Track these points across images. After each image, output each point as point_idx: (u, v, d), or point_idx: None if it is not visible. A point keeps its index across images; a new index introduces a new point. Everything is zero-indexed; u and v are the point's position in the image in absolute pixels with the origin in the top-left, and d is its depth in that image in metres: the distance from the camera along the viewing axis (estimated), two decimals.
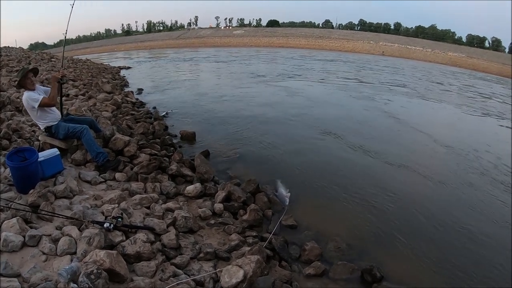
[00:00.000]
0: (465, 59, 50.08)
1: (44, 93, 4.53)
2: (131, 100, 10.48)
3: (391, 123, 9.73)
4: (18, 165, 3.41)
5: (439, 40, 74.04)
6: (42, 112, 4.44)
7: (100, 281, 2.27)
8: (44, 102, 4.33)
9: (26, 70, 4.41)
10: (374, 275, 3.28)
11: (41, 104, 4.31)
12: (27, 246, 2.66)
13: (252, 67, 24.21)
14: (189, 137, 7.26)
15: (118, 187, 4.22)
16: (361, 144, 7.45)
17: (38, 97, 4.32)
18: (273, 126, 8.60)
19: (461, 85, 21.91)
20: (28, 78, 4.36)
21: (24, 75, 4.31)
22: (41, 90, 4.57)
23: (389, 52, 54.11)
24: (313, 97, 12.98)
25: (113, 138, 5.20)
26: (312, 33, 76.30)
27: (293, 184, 5.18)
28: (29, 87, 4.39)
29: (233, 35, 79.25)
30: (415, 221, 4.50)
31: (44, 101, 4.34)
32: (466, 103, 14.48)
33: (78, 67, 17.48)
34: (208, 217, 4.04)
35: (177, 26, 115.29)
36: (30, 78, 4.40)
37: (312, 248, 3.62)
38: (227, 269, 2.76)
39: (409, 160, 6.73)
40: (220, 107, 10.65)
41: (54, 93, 4.47)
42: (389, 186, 5.53)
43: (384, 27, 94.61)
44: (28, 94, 4.32)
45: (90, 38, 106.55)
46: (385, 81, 19.33)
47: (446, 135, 8.85)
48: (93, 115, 7.08)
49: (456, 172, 6.41)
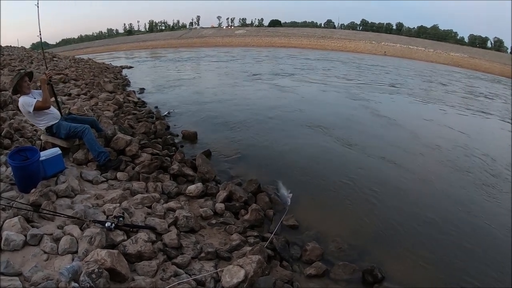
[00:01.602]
0: (467, 59, 49.92)
1: (39, 95, 4.51)
2: (133, 100, 10.49)
3: (392, 124, 9.70)
4: (19, 165, 3.42)
5: (441, 40, 73.72)
6: (40, 114, 4.43)
7: (101, 281, 2.27)
8: (38, 106, 4.31)
9: (22, 74, 4.38)
10: (375, 276, 3.28)
11: (36, 107, 4.29)
12: (28, 245, 2.66)
13: (253, 67, 24.19)
14: (190, 136, 7.27)
15: (119, 187, 4.23)
16: (363, 145, 7.44)
17: (32, 101, 4.29)
18: (274, 126, 8.60)
19: (463, 86, 21.85)
20: (24, 82, 4.35)
21: (21, 78, 4.28)
22: (36, 93, 4.55)
23: (391, 52, 54.01)
24: (315, 97, 12.98)
25: (114, 137, 5.20)
26: (314, 33, 76.17)
27: (294, 184, 5.18)
28: (25, 91, 4.36)
29: (235, 35, 79.21)
30: (416, 222, 4.49)
31: (38, 104, 4.31)
32: (468, 104, 14.45)
33: (80, 66, 17.50)
34: (210, 217, 4.04)
35: (179, 26, 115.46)
36: (26, 82, 4.39)
37: (313, 248, 3.62)
38: (228, 269, 2.76)
39: (411, 161, 6.72)
40: (221, 106, 10.66)
41: (46, 95, 4.45)
42: (390, 186, 5.53)
43: (386, 27, 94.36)
44: (24, 99, 4.30)
45: (92, 38, 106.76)
46: (387, 82, 19.30)
47: (447, 135, 8.83)
48: (95, 114, 7.09)
49: (458, 172, 6.39)
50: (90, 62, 22.17)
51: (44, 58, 6.90)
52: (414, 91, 16.62)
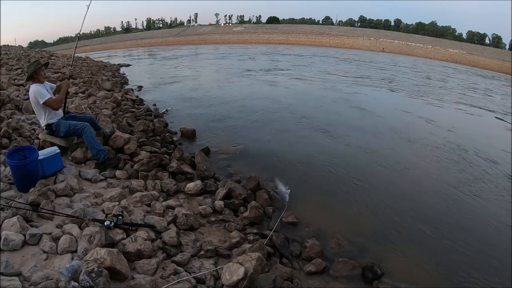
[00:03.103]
0: (465, 56, 50.03)
1: (50, 89, 4.61)
2: (131, 98, 10.45)
3: (390, 120, 9.71)
4: (18, 164, 3.40)
5: (440, 36, 73.81)
6: (46, 109, 4.45)
7: (101, 280, 2.26)
8: (49, 103, 4.35)
9: (42, 64, 4.50)
10: (375, 272, 3.29)
11: (46, 103, 4.33)
12: (27, 244, 2.66)
13: (251, 63, 24.12)
14: (189, 134, 7.25)
15: (118, 185, 4.22)
16: (361, 141, 7.44)
17: (46, 94, 4.36)
18: (273, 123, 8.58)
19: (462, 82, 21.85)
20: (42, 70, 4.48)
21: (39, 67, 4.40)
22: (48, 86, 4.63)
23: (389, 48, 54.05)
24: (312, 94, 12.95)
25: (113, 135, 5.19)
26: (312, 29, 76.15)
27: (294, 180, 5.20)
28: (41, 80, 4.47)
29: (233, 32, 79.01)
30: (416, 218, 4.49)
31: (50, 101, 4.36)
32: (469, 101, 14.46)
33: (77, 65, 17.41)
34: (209, 215, 4.03)
35: (176, 23, 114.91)
36: (43, 71, 4.54)
37: (312, 245, 3.62)
38: (228, 267, 2.76)
39: (410, 158, 6.74)
40: (220, 103, 10.62)
41: (61, 98, 4.58)
42: (390, 182, 5.54)
43: (384, 24, 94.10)
44: (37, 88, 4.33)
45: (89, 36, 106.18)
46: (385, 78, 19.28)
47: (447, 134, 8.83)
48: (93, 113, 7.07)
49: (457, 170, 6.40)
50: (88, 60, 22.06)
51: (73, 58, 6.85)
52: (415, 89, 16.63)
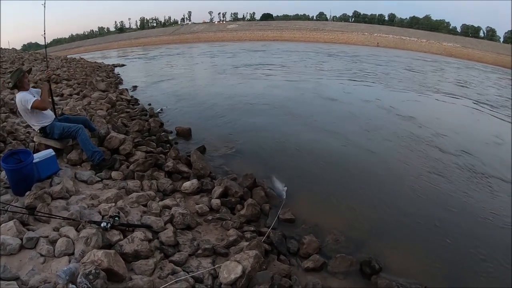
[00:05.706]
0: (460, 49, 50.09)
1: (37, 94, 4.50)
2: (126, 98, 10.42)
3: (389, 118, 9.73)
4: (13, 167, 3.39)
5: (434, 30, 73.86)
6: (36, 113, 4.39)
7: (98, 281, 2.27)
8: (35, 105, 4.27)
9: (24, 71, 4.39)
10: (373, 267, 3.31)
11: (33, 106, 4.25)
12: (25, 248, 2.65)
13: (244, 61, 24.06)
14: (184, 133, 7.24)
15: (114, 186, 4.21)
16: (356, 136, 7.47)
17: (31, 98, 4.27)
18: (267, 120, 8.58)
19: (456, 75, 21.94)
20: (25, 78, 4.37)
21: (22, 75, 4.30)
22: (34, 91, 4.52)
23: (384, 43, 54.01)
24: (309, 91, 12.90)
25: (108, 136, 5.17)
26: (306, 25, 75.88)
27: (290, 177, 5.21)
28: (25, 87, 4.36)
29: (227, 29, 78.74)
30: (413, 212, 4.52)
31: (36, 103, 4.27)
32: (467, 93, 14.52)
33: (71, 66, 17.32)
34: (206, 213, 4.04)
35: (170, 22, 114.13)
36: (27, 78, 4.42)
37: (310, 242, 3.63)
38: (225, 265, 2.78)
39: (406, 153, 6.76)
40: (214, 102, 10.61)
41: (45, 95, 4.48)
42: (386, 177, 5.57)
43: (379, 18, 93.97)
44: (22, 95, 4.26)
45: (83, 37, 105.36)
46: (380, 72, 19.32)
47: (447, 132, 8.85)
48: (88, 114, 7.04)
49: (454, 165, 6.42)
50: (82, 61, 21.95)
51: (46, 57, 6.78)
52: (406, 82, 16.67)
